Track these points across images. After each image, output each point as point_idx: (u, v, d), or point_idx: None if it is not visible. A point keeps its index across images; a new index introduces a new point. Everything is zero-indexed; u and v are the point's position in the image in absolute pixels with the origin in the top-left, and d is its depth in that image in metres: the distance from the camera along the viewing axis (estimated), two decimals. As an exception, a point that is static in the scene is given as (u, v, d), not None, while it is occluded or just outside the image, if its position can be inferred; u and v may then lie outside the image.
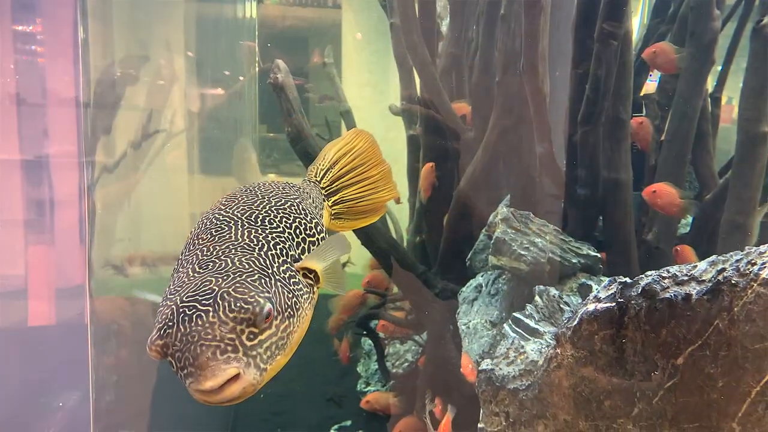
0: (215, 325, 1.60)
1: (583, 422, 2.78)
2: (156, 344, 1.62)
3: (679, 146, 4.12)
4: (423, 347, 5.03)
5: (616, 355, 2.53)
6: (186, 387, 1.63)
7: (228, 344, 1.60)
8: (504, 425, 3.02)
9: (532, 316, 3.34)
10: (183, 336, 1.60)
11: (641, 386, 2.57)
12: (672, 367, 2.49)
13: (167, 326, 1.63)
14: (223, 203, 2.11)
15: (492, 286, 4.05)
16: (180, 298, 1.67)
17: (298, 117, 4.30)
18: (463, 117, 4.95)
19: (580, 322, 2.50)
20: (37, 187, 3.87)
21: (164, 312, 1.66)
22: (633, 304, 2.40)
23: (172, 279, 1.84)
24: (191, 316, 1.62)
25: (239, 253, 1.83)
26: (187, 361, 1.58)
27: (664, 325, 2.41)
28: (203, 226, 2.00)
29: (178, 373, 1.63)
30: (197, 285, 1.69)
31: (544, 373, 2.75)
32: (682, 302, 2.33)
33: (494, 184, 4.49)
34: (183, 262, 1.88)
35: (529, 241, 3.90)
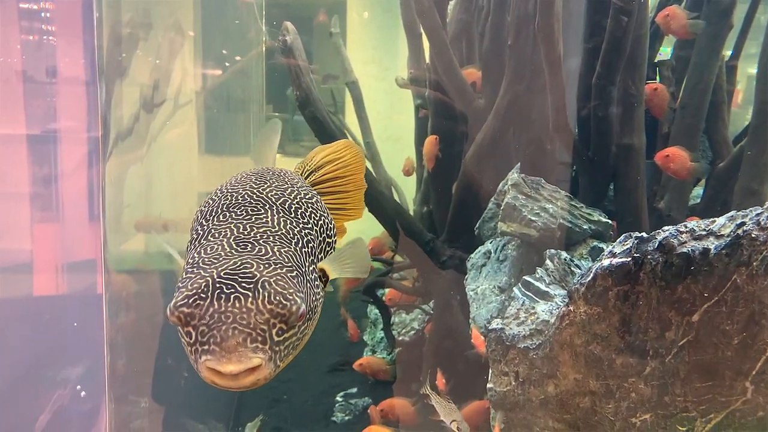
0: (252, 312, 1.56)
1: (593, 381, 2.75)
2: (181, 311, 1.57)
3: (693, 113, 4.07)
4: (430, 315, 5.01)
5: (630, 311, 2.50)
6: (197, 361, 1.58)
7: (259, 334, 1.56)
8: (513, 385, 3.00)
9: (543, 279, 3.30)
10: (216, 312, 1.55)
11: (654, 344, 2.54)
12: (687, 324, 2.46)
13: (199, 297, 1.57)
14: (255, 181, 2.06)
15: (501, 252, 4.01)
16: (217, 271, 1.62)
17: (307, 80, 4.25)
18: (473, 84, 4.89)
19: (594, 277, 2.47)
20: (45, 162, 3.84)
21: (196, 281, 1.61)
22: (649, 259, 2.36)
23: (199, 245, 1.79)
24: (228, 296, 1.57)
25: (278, 243, 1.79)
26: (213, 338, 1.54)
27: (681, 280, 2.37)
28: (234, 200, 1.94)
29: (193, 346, 1.58)
30: (237, 264, 1.65)
31: (555, 331, 2.71)
32: (699, 257, 2.30)
33: (504, 151, 4.44)
34: (212, 230, 1.83)
35: (539, 207, 3.86)
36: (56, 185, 3.84)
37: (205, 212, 1.93)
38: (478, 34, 5.07)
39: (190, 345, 1.59)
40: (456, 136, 4.91)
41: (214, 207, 1.93)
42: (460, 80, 4.70)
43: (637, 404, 2.72)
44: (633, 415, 2.75)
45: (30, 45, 3.77)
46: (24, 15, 3.74)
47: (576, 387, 2.82)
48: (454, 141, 4.90)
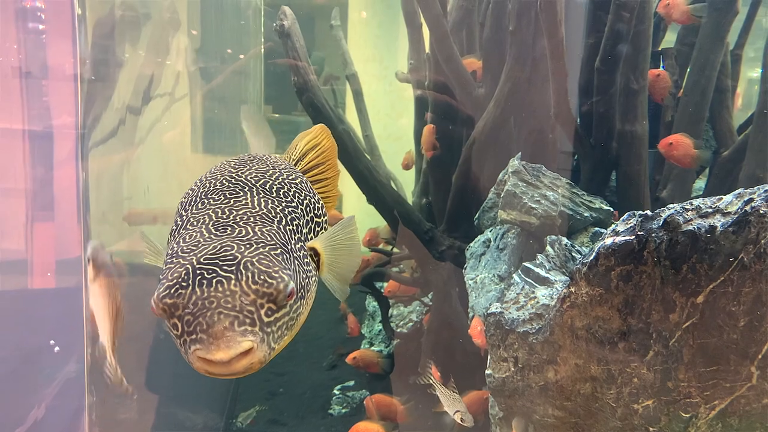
0: (236, 294, 1.51)
1: (595, 366, 2.68)
2: (164, 302, 1.52)
3: (697, 101, 4.01)
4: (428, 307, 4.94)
5: (633, 293, 2.42)
6: (187, 353, 1.52)
7: (247, 316, 1.51)
8: (512, 371, 2.93)
9: (543, 265, 3.23)
10: (199, 300, 1.50)
11: (658, 327, 2.47)
12: (691, 306, 2.39)
13: (180, 286, 1.52)
14: (233, 166, 2.00)
15: (501, 241, 3.94)
16: (196, 258, 1.56)
17: (305, 66, 4.19)
18: (473, 73, 4.82)
19: (596, 256, 2.40)
20: (38, 159, 3.83)
21: (176, 270, 1.55)
22: (653, 237, 2.29)
23: (178, 235, 1.74)
24: (210, 280, 1.52)
25: (259, 223, 1.73)
26: (200, 326, 1.48)
27: (686, 260, 2.30)
28: (212, 186, 1.89)
29: (181, 337, 1.52)
30: (216, 248, 1.59)
31: (556, 313, 2.64)
32: (705, 235, 2.23)
33: (505, 139, 4.38)
34: (191, 219, 1.77)
35: (540, 194, 3.79)
36: (50, 181, 3.81)
37: (184, 203, 1.87)
38: (479, 24, 5.00)
39: (178, 337, 1.53)
40: (456, 125, 4.85)
41: (193, 197, 1.87)
42: (461, 69, 4.63)
43: (640, 390, 2.65)
44: (635, 401, 2.68)
45: (24, 42, 3.77)
46: (20, 13, 3.73)
47: (577, 373, 2.75)
48: (454, 130, 4.84)
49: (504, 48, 4.33)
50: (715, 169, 4.03)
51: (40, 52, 3.81)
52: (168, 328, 1.57)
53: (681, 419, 2.64)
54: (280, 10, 4.22)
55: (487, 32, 4.62)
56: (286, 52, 4.17)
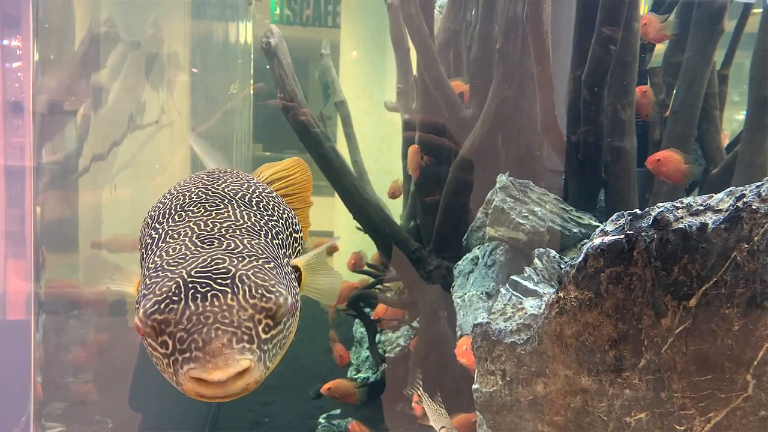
0: (233, 309, 1.40)
1: (585, 378, 2.59)
2: (153, 318, 1.40)
3: (684, 120, 3.98)
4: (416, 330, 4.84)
5: (624, 296, 2.35)
6: (177, 374, 1.41)
7: (245, 332, 1.40)
8: (500, 384, 2.83)
9: (531, 278, 3.15)
10: (193, 315, 1.39)
11: (649, 333, 2.39)
12: (684, 309, 2.31)
13: (171, 300, 1.40)
14: (206, 179, 1.89)
15: (488, 258, 3.87)
16: (186, 271, 1.45)
17: (292, 83, 4.15)
18: (461, 95, 4.80)
19: (585, 257, 2.32)
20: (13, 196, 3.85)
21: (164, 284, 1.44)
22: (643, 236, 2.22)
23: (156, 248, 1.62)
24: (205, 294, 1.41)
25: (246, 236, 1.63)
26: (194, 344, 1.37)
27: (677, 260, 2.23)
28: (188, 198, 1.77)
29: (171, 356, 1.40)
30: (206, 261, 1.48)
31: (544, 321, 2.56)
32: (696, 233, 2.16)
33: (493, 158, 4.33)
34: (169, 232, 1.66)
35: (528, 209, 3.73)
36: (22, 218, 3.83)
37: (156, 216, 1.75)
38: (466, 48, 5.00)
39: (167, 356, 1.42)
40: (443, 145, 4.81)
41: (165, 210, 1.75)
42: (448, 90, 4.61)
43: (632, 402, 2.55)
44: (627, 414, 2.58)
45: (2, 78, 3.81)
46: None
47: (567, 385, 2.65)
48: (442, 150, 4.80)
49: (491, 69, 4.31)
50: (704, 187, 3.98)
51: (17, 86, 3.84)
52: (152, 348, 1.45)
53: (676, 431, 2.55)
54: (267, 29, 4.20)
55: (475, 52, 4.61)
56: (273, 70, 4.13)
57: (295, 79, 4.16)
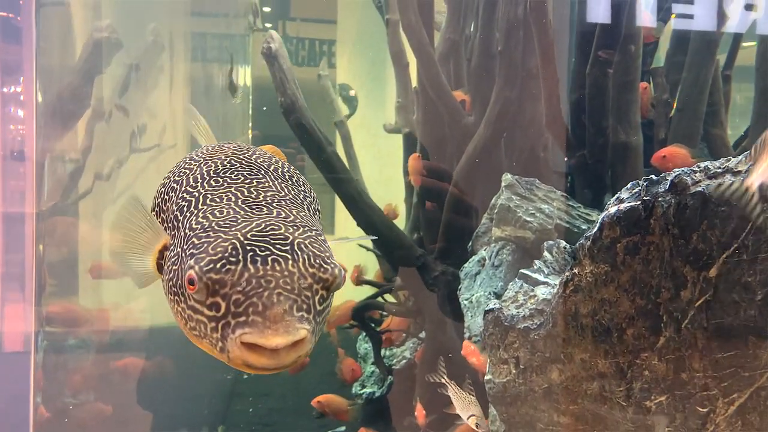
0: (294, 276, 1.34)
1: (602, 360, 2.50)
2: (208, 277, 1.32)
3: (690, 116, 3.94)
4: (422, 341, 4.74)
5: (641, 268, 2.27)
6: (224, 339, 1.33)
7: (304, 301, 1.34)
8: (514, 374, 2.73)
9: (542, 270, 3.07)
10: (253, 277, 1.32)
11: (668, 307, 2.31)
12: (704, 280, 2.23)
13: (227, 261, 1.33)
14: (235, 151, 1.81)
15: (496, 258, 3.80)
16: (242, 233, 1.39)
17: (292, 87, 4.12)
18: (462, 103, 4.78)
19: (600, 227, 2.25)
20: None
21: (218, 243, 1.37)
22: (660, 201, 2.15)
23: (196, 211, 1.54)
24: (265, 258, 1.34)
25: (293, 207, 1.57)
26: (254, 307, 1.30)
27: (695, 227, 2.16)
28: (220, 166, 1.70)
29: (222, 319, 1.33)
30: (261, 226, 1.42)
31: (559, 301, 2.48)
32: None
33: (497, 161, 4.28)
34: (209, 196, 1.58)
35: (535, 207, 3.67)
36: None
37: (184, 181, 1.67)
38: (466, 60, 4.99)
39: (215, 319, 1.34)
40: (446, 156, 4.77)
41: (196, 175, 1.68)
42: (449, 97, 4.58)
43: (652, 384, 2.46)
44: (647, 398, 2.48)
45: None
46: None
47: (583, 370, 2.56)
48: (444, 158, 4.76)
49: (492, 77, 4.29)
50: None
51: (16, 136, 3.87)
52: (194, 311, 1.38)
53: (698, 415, 2.45)
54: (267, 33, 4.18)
55: (475, 61, 4.60)
56: (273, 75, 4.11)
57: (296, 83, 4.13)
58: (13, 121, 3.84)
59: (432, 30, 4.89)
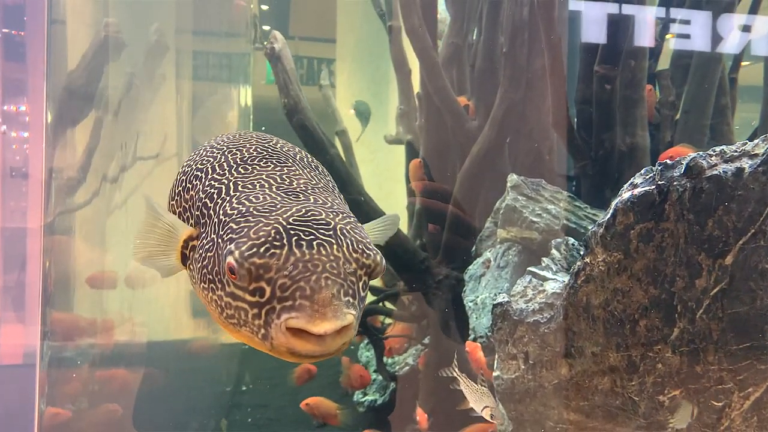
0: (340, 261, 1.31)
1: (613, 353, 2.44)
2: (252, 262, 1.29)
3: (697, 117, 3.92)
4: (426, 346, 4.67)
5: (655, 256, 2.22)
6: (268, 325, 1.29)
7: (350, 286, 1.31)
8: (523, 369, 2.66)
9: (549, 268, 3.02)
10: (299, 261, 1.28)
11: (683, 297, 2.26)
12: (719, 268, 2.18)
13: (271, 245, 1.30)
14: (256, 138, 1.79)
15: (501, 259, 3.74)
16: (283, 218, 1.35)
17: (296, 88, 4.09)
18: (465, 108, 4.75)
19: (614, 214, 2.20)
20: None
21: (260, 228, 1.34)
22: (675, 185, 2.11)
23: (229, 197, 1.50)
24: (310, 242, 1.31)
25: (326, 194, 1.54)
26: (301, 291, 1.26)
27: (711, 213, 2.12)
28: (247, 154, 1.66)
29: (267, 305, 1.29)
30: (301, 211, 1.38)
31: (570, 292, 2.42)
32: (732, 179, 2.05)
33: (501, 163, 4.24)
34: (240, 182, 1.54)
35: (541, 207, 3.62)
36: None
37: (209, 169, 1.64)
38: (469, 66, 4.98)
39: (258, 305, 1.31)
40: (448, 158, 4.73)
41: (222, 163, 1.64)
42: (453, 100, 4.55)
43: (665, 378, 2.40)
44: (660, 392, 2.42)
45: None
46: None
47: (594, 365, 2.50)
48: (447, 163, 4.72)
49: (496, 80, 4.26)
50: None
51: (17, 157, 3.85)
52: (233, 297, 1.35)
53: (713, 409, 2.39)
54: (270, 34, 4.16)
55: (479, 63, 4.58)
56: (277, 75, 4.08)
57: (299, 84, 4.10)
58: (20, 127, 3.85)
59: (435, 35, 4.88)
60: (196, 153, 1.81)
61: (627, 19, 3.70)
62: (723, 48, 3.98)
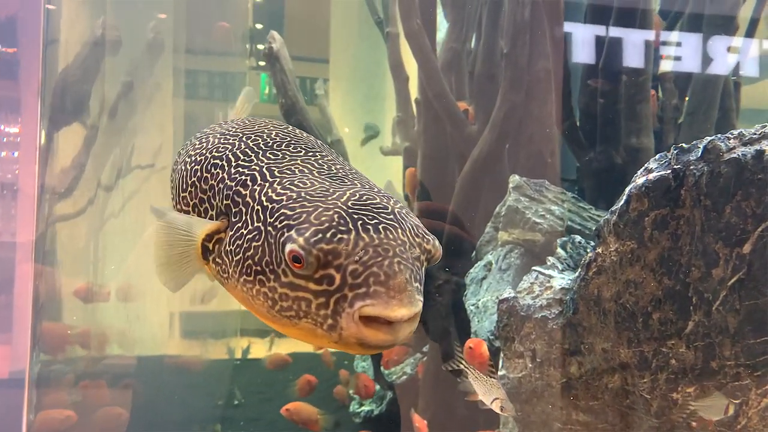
0: (406, 245, 1.24)
1: (625, 350, 2.35)
2: (319, 248, 1.20)
3: (702, 119, 3.85)
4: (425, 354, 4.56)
5: (670, 245, 2.14)
6: (336, 313, 1.21)
7: (417, 272, 1.24)
8: (530, 368, 2.57)
9: (555, 266, 2.93)
10: (369, 246, 1.21)
11: (698, 288, 2.17)
12: (737, 257, 2.10)
13: (337, 230, 1.21)
14: (273, 124, 1.70)
15: (503, 261, 3.66)
16: (341, 202, 1.26)
17: (293, 89, 4.02)
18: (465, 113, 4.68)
19: (628, 200, 2.12)
20: None
21: (321, 213, 1.25)
22: (692, 170, 2.03)
23: (267, 183, 1.39)
24: (376, 226, 1.23)
25: (365, 179, 1.46)
26: (375, 277, 1.19)
27: (729, 198, 2.04)
28: (271, 139, 1.57)
29: (338, 292, 1.21)
30: (355, 195, 1.29)
31: (581, 284, 2.33)
32: (752, 162, 1.97)
33: (502, 167, 4.16)
34: (275, 168, 1.43)
35: (545, 208, 3.55)
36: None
37: (231, 158, 1.53)
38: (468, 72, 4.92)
39: (326, 294, 1.22)
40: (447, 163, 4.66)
41: (245, 149, 1.54)
42: (452, 105, 4.48)
43: (678, 374, 2.31)
44: (674, 390, 2.33)
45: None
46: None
47: (604, 362, 2.41)
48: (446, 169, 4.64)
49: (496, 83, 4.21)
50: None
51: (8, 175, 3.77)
52: (294, 287, 1.26)
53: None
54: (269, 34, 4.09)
55: (479, 67, 4.51)
56: (274, 76, 4.01)
57: (297, 85, 4.03)
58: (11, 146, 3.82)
59: (434, 39, 4.82)
60: (199, 142, 1.70)
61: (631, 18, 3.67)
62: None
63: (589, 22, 3.90)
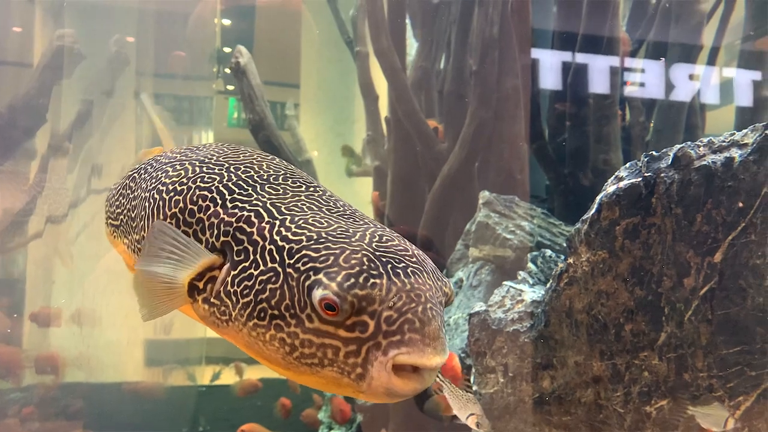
0: (433, 290, 1.20)
1: (597, 362, 2.31)
2: (354, 294, 1.14)
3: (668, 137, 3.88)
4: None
5: (641, 254, 2.11)
6: (367, 363, 1.15)
7: (443, 317, 1.21)
8: (502, 383, 2.52)
9: (526, 281, 2.90)
10: (401, 291, 1.16)
11: (670, 298, 2.15)
12: (708, 266, 2.08)
13: (370, 275, 1.16)
14: (258, 154, 1.60)
15: (474, 278, 3.62)
16: (365, 243, 1.21)
17: (261, 104, 3.98)
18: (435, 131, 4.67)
19: (599, 208, 2.10)
20: None
21: (349, 256, 1.19)
22: (663, 177, 2.01)
23: (274, 219, 1.31)
24: (405, 270, 1.18)
25: (368, 217, 1.41)
26: (410, 324, 1.14)
27: (700, 206, 2.02)
28: (264, 172, 1.48)
29: (371, 340, 1.15)
30: (374, 237, 1.24)
31: (552, 296, 2.30)
32: (722, 170, 1.96)
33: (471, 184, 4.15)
34: (280, 203, 1.35)
35: (515, 224, 3.52)
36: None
37: (224, 191, 1.43)
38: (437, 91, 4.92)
39: (358, 342, 1.16)
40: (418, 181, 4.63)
41: (239, 182, 1.45)
42: (422, 123, 4.47)
43: (652, 387, 2.27)
44: (647, 403, 2.30)
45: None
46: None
47: (576, 375, 2.37)
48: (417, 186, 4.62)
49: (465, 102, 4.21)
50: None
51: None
52: (321, 335, 1.19)
53: (702, 420, 2.26)
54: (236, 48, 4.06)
55: (448, 85, 4.51)
56: (241, 90, 3.96)
57: (265, 100, 3.99)
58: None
59: (404, 57, 4.82)
60: (172, 169, 1.58)
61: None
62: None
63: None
